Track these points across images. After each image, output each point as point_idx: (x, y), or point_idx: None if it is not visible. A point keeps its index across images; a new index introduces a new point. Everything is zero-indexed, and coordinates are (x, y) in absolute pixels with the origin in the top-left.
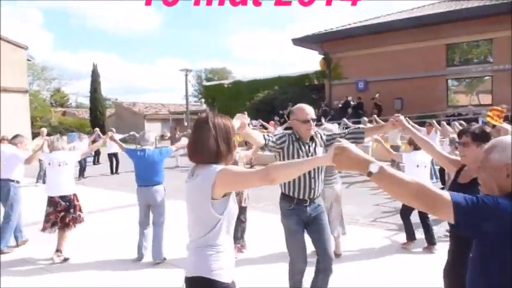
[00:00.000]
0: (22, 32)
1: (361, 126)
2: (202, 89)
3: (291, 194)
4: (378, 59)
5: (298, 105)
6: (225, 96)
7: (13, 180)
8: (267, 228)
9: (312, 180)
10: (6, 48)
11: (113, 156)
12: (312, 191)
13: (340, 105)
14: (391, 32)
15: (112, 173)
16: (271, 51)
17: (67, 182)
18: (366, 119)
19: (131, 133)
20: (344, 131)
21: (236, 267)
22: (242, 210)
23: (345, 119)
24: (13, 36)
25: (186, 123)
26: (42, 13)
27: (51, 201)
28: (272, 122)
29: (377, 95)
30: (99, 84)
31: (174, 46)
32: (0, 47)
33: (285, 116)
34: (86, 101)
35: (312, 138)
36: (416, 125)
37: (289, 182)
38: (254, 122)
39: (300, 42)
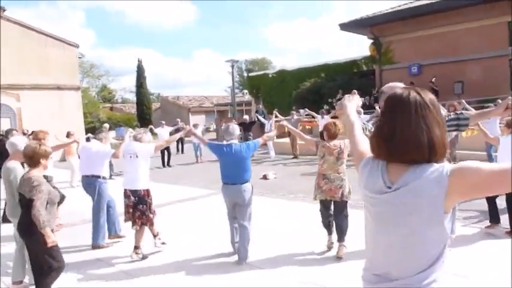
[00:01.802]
0: (66, 31)
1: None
2: (244, 80)
3: None
4: (432, 41)
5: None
6: (269, 86)
7: (99, 176)
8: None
9: None
10: (58, 46)
11: (164, 149)
12: None
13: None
14: (445, 12)
15: (164, 166)
16: (311, 40)
17: (137, 175)
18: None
19: (150, 127)
20: (449, 114)
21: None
22: (345, 204)
23: None
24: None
25: (230, 115)
26: (82, 12)
27: (125, 194)
28: (323, 110)
29: (433, 79)
30: (145, 79)
31: (211, 39)
32: (53, 46)
33: (334, 103)
34: (131, 96)
35: None
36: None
37: None
38: (302, 111)
39: (348, 27)
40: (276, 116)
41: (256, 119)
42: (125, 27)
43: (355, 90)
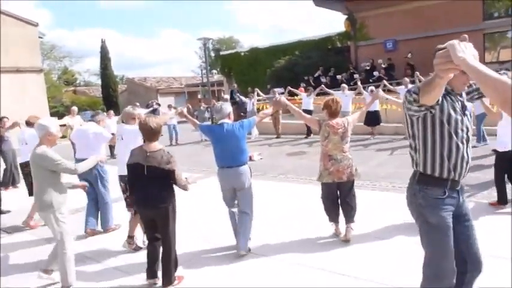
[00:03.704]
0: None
1: None
2: (212, 60)
3: (444, 175)
4: (406, 17)
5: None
6: (242, 65)
7: None
8: None
9: (467, 149)
10: (17, 25)
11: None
12: (466, 166)
13: (367, 67)
14: None
15: None
16: (277, 17)
17: (124, 158)
18: (407, 79)
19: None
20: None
21: None
22: (352, 183)
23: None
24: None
25: (201, 96)
26: None
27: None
28: (301, 88)
29: (409, 55)
30: (109, 61)
31: (174, 17)
32: (11, 25)
33: (311, 81)
34: (94, 79)
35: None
36: None
37: (440, 155)
38: (279, 89)
39: (322, 2)
40: (258, 95)
41: (238, 98)
42: (84, 6)
43: (465, 36)
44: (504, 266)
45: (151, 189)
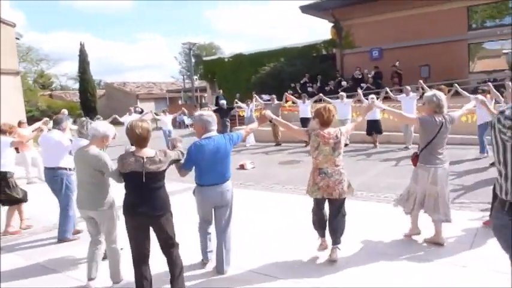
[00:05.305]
0: None
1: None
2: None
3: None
4: (392, 26)
5: None
6: (226, 71)
7: (65, 168)
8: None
9: None
10: None
11: None
12: None
13: (359, 76)
14: None
15: None
16: (255, 25)
17: None
18: (408, 87)
19: (113, 116)
20: None
21: None
22: (343, 202)
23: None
24: None
25: (182, 101)
26: None
27: None
28: (289, 96)
29: (397, 63)
30: (88, 65)
31: (154, 23)
32: None
33: (298, 88)
34: (71, 83)
35: None
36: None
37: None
38: (265, 96)
39: (308, 9)
40: (256, 100)
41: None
42: (59, 9)
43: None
44: None
45: (149, 198)
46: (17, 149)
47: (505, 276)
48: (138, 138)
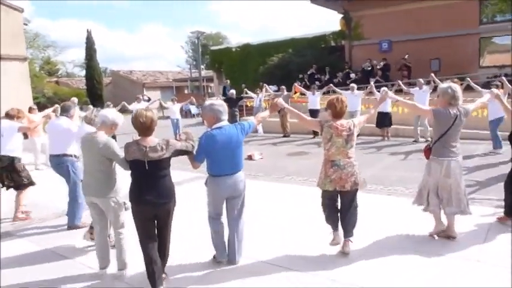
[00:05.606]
0: None
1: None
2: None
3: None
4: (402, 18)
5: None
6: (233, 61)
7: (71, 155)
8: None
9: None
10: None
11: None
12: None
13: (368, 68)
14: None
15: None
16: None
17: None
18: (421, 80)
19: (122, 103)
20: None
21: None
22: (355, 193)
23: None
24: None
25: (189, 91)
26: None
27: None
28: (297, 86)
29: (406, 56)
30: (95, 52)
31: (159, 12)
32: None
33: (306, 79)
34: (77, 71)
35: None
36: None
37: None
38: (272, 87)
39: (318, 0)
40: (266, 91)
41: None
42: None
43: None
44: None
45: (154, 186)
46: (25, 135)
47: None
48: (142, 127)
